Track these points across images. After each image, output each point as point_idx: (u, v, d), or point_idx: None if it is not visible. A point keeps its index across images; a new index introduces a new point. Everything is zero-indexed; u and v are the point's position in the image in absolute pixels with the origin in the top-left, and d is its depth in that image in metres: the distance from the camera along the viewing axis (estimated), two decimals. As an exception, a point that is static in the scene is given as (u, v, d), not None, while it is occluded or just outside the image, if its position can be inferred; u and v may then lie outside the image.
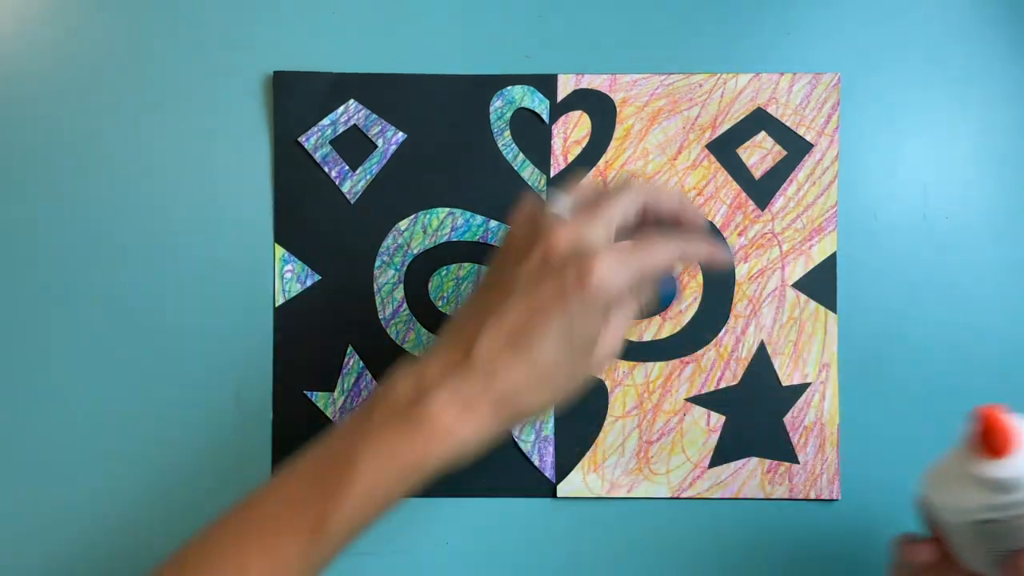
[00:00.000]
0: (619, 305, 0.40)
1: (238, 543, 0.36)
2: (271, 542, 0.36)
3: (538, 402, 0.38)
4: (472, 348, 0.37)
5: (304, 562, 0.36)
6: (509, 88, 0.50)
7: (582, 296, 0.36)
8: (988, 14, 0.51)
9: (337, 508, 0.36)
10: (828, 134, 0.50)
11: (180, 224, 0.50)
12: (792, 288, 0.50)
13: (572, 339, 0.37)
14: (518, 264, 0.38)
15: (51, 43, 0.50)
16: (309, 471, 0.37)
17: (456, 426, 0.37)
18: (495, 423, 0.37)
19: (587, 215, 0.39)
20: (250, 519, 0.37)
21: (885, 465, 0.50)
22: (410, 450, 0.36)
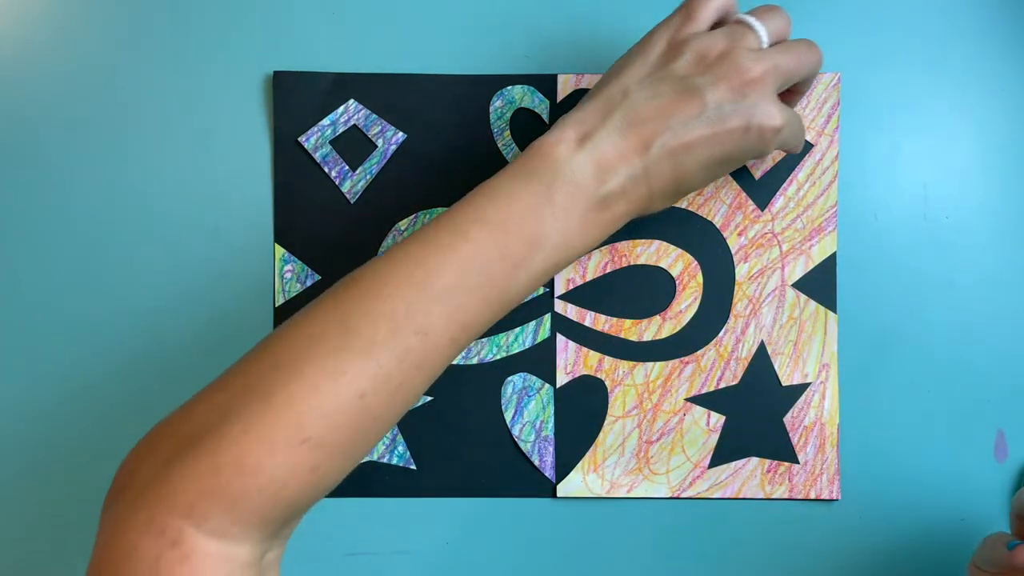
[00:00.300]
0: None
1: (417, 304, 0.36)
2: (456, 305, 0.37)
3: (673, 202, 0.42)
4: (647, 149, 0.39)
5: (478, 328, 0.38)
6: (509, 88, 0.50)
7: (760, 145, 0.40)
8: (988, 14, 0.51)
9: (519, 282, 0.38)
10: (828, 134, 0.50)
11: (180, 224, 0.50)
12: (792, 288, 0.50)
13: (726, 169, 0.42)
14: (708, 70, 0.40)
15: (51, 43, 0.50)
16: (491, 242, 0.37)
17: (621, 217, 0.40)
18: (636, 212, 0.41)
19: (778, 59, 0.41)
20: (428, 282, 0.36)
21: (885, 465, 0.50)
22: (594, 234, 0.39)
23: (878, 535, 0.50)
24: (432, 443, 0.50)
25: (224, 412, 0.34)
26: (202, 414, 0.35)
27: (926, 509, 0.50)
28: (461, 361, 0.50)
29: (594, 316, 0.50)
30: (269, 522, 0.34)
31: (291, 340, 0.36)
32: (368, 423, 0.35)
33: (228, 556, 0.33)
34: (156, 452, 0.34)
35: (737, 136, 0.40)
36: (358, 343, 0.35)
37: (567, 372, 0.50)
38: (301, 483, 0.34)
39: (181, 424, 0.35)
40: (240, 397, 0.34)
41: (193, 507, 0.33)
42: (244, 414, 0.34)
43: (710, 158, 0.40)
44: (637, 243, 0.50)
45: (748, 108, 0.40)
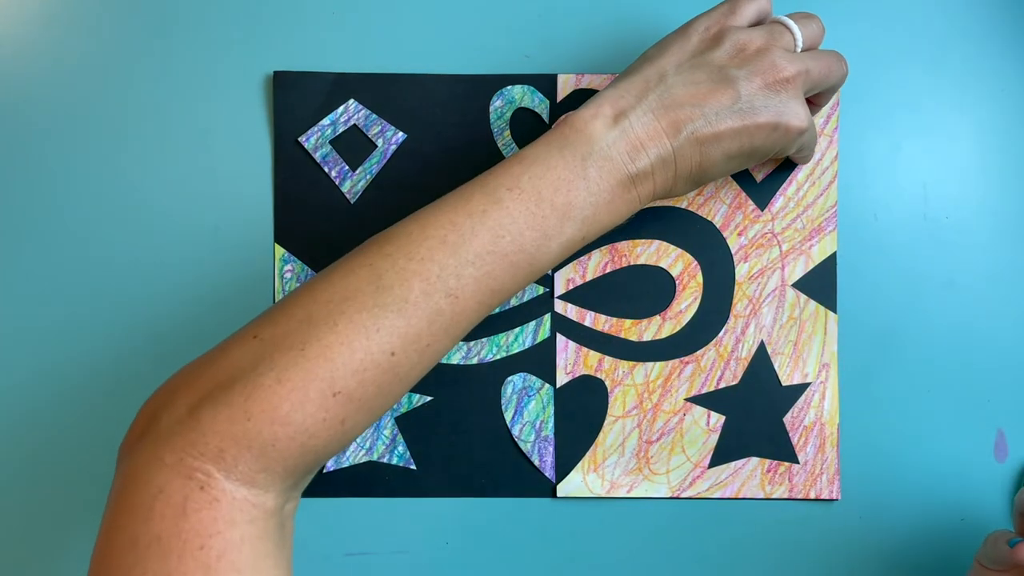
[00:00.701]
0: None
1: (450, 267, 0.37)
2: (487, 270, 0.37)
3: (693, 188, 0.43)
4: (678, 133, 0.40)
5: (505, 294, 0.38)
6: (509, 88, 0.50)
7: (784, 143, 0.42)
8: (988, 14, 0.51)
9: (548, 251, 0.39)
10: (827, 134, 0.50)
11: (181, 225, 0.50)
12: (792, 288, 0.50)
13: (748, 162, 0.43)
14: (745, 63, 0.41)
15: (52, 43, 0.50)
16: (523, 210, 0.38)
17: (646, 197, 0.41)
18: (662, 194, 0.42)
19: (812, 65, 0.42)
20: (461, 246, 0.37)
21: (885, 465, 0.50)
22: (621, 210, 0.40)
23: (878, 535, 0.50)
24: (432, 443, 0.50)
25: (257, 360, 0.34)
26: (232, 360, 0.35)
27: (926, 509, 0.50)
28: (461, 361, 0.50)
29: (594, 316, 0.50)
30: (294, 471, 0.35)
31: (324, 295, 0.36)
32: (395, 381, 0.36)
33: (254, 503, 0.34)
34: (183, 396, 0.34)
35: (765, 131, 0.41)
36: (391, 301, 0.35)
37: (567, 372, 0.50)
38: (330, 434, 0.35)
39: (210, 369, 0.35)
40: (273, 346, 0.35)
41: (223, 452, 0.33)
42: (278, 363, 0.34)
43: (737, 150, 0.41)
44: (637, 243, 0.50)
45: (779, 105, 0.41)
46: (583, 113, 0.40)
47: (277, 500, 0.35)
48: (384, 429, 0.50)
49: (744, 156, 0.41)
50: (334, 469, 0.50)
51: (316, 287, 0.37)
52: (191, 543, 0.32)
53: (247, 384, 0.34)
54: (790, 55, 0.41)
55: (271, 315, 0.36)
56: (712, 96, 0.40)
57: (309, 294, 0.36)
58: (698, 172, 0.41)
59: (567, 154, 0.39)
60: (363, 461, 0.50)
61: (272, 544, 0.34)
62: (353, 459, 0.50)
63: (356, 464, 0.50)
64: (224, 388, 0.34)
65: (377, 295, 0.36)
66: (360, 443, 0.50)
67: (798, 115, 0.41)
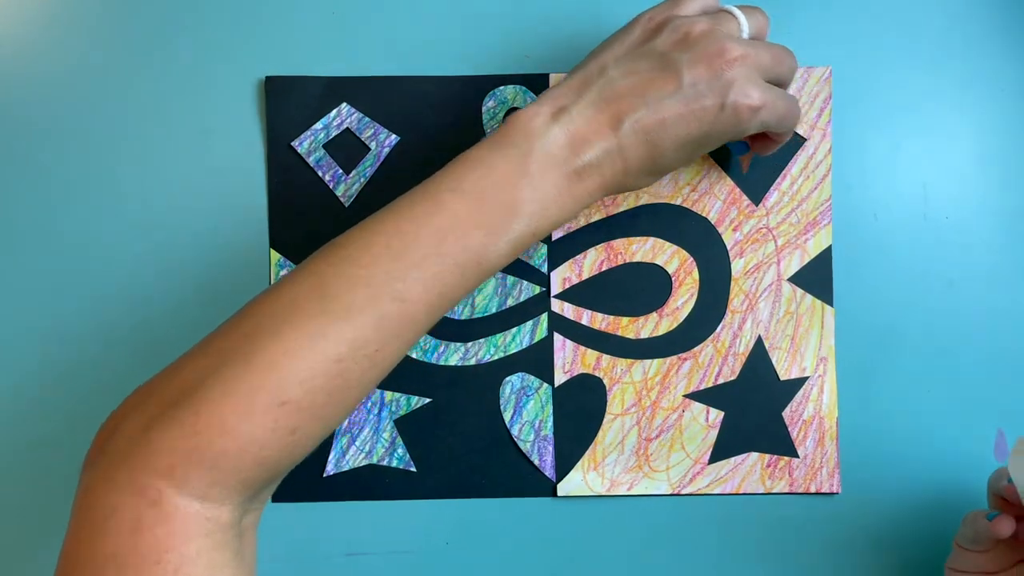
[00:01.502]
0: None
1: (395, 271, 0.37)
2: (432, 273, 0.37)
3: (651, 180, 0.43)
4: (620, 124, 0.39)
5: (455, 296, 0.38)
6: (501, 88, 0.50)
7: (737, 124, 0.40)
8: (988, 14, 0.50)
9: (497, 249, 0.38)
10: (820, 128, 0.50)
11: (175, 230, 0.50)
12: (788, 282, 0.50)
13: (703, 148, 0.42)
14: (688, 47, 0.40)
15: (46, 48, 0.50)
16: (467, 210, 0.38)
17: (596, 190, 0.40)
18: (613, 188, 0.41)
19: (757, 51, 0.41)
20: (405, 251, 0.37)
21: (885, 458, 0.50)
22: (570, 205, 0.40)
23: (878, 528, 0.50)
24: (431, 445, 0.50)
25: (204, 375, 0.34)
26: (183, 377, 0.35)
27: (926, 503, 0.50)
28: (459, 362, 0.50)
29: (591, 314, 0.50)
30: (249, 484, 0.35)
31: (271, 305, 0.36)
32: (345, 388, 0.36)
33: (209, 516, 0.34)
34: (136, 415, 0.35)
35: (712, 114, 0.40)
36: (337, 308, 0.36)
37: (565, 371, 0.50)
38: (281, 445, 0.35)
39: (162, 387, 0.35)
40: (220, 360, 0.35)
41: (173, 468, 0.33)
42: (224, 377, 0.34)
43: (686, 136, 0.40)
44: (632, 240, 0.50)
45: (724, 86, 0.39)
46: (524, 111, 0.40)
47: (233, 513, 0.35)
48: (383, 432, 0.50)
49: (697, 142, 0.40)
50: (334, 473, 0.50)
51: (264, 299, 0.37)
52: (147, 559, 0.32)
53: (195, 399, 0.34)
54: (735, 38, 0.40)
55: (222, 329, 0.37)
56: (654, 84, 0.39)
57: (258, 306, 0.37)
58: (650, 163, 0.40)
59: (509, 152, 0.39)
60: (363, 464, 0.50)
61: (230, 554, 0.34)
62: (353, 463, 0.50)
63: (356, 468, 0.50)
64: (174, 405, 0.34)
65: (322, 303, 0.36)
66: (360, 446, 0.50)
67: (747, 93, 0.40)
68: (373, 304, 0.36)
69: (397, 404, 0.50)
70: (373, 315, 0.36)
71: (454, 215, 0.38)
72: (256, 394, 0.34)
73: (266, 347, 0.35)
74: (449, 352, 0.50)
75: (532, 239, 0.39)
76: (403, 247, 0.37)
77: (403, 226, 0.38)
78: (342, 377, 0.36)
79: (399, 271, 0.37)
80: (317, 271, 0.37)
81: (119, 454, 0.34)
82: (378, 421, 0.50)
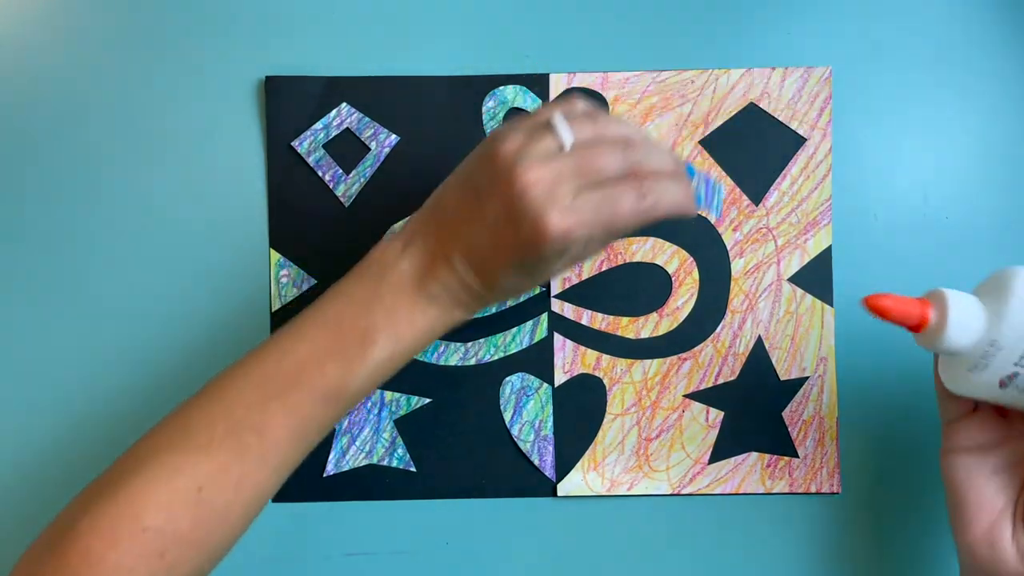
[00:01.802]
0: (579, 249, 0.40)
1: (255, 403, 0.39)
2: (292, 402, 0.39)
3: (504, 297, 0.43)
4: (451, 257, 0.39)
5: (321, 422, 0.40)
6: (501, 88, 0.50)
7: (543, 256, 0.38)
8: (988, 14, 0.50)
9: (356, 375, 0.40)
10: (821, 128, 0.50)
11: (175, 231, 0.50)
12: (788, 282, 0.50)
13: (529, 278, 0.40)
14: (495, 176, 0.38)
15: (46, 49, 0.50)
16: (326, 339, 0.40)
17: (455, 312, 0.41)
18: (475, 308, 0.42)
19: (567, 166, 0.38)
20: (266, 383, 0.39)
21: (885, 458, 0.50)
22: (425, 330, 0.41)
23: (879, 528, 0.50)
24: (431, 445, 0.50)
25: (80, 510, 0.37)
26: (64, 516, 0.38)
27: (926, 503, 0.50)
28: (459, 362, 0.50)
29: (591, 314, 0.50)
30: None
31: (148, 439, 0.39)
32: (211, 514, 0.38)
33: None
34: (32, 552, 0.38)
35: (517, 244, 0.38)
36: (197, 441, 0.38)
37: (565, 371, 0.50)
38: (151, 568, 0.37)
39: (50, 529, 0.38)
40: (90, 497, 0.38)
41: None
42: (92, 510, 0.37)
43: (508, 265, 0.39)
44: (632, 241, 0.50)
45: (519, 216, 0.37)
46: (380, 244, 0.41)
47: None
48: (383, 432, 0.50)
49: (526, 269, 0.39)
50: (334, 473, 0.50)
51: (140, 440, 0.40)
52: None
53: (68, 535, 0.37)
54: (539, 160, 0.37)
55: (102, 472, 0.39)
56: (467, 216, 0.39)
57: (132, 447, 0.39)
58: (494, 290, 0.40)
59: (365, 281, 0.40)
60: (363, 464, 0.50)
61: None
62: (353, 463, 0.50)
63: (356, 468, 0.50)
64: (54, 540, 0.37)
65: (184, 438, 0.38)
66: (360, 446, 0.50)
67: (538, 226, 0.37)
68: (231, 436, 0.38)
69: (397, 404, 0.50)
70: (232, 447, 0.38)
71: (313, 345, 0.40)
72: (118, 523, 0.36)
73: (129, 481, 0.37)
74: (449, 352, 0.50)
75: (391, 364, 0.40)
76: (264, 379, 0.39)
77: (265, 360, 0.40)
78: (205, 505, 0.38)
79: (258, 403, 0.39)
80: (187, 408, 0.40)
81: None
82: (378, 421, 0.50)
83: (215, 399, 0.39)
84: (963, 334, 0.38)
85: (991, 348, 0.38)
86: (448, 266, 0.39)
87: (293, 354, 0.39)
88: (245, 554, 0.49)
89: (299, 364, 0.39)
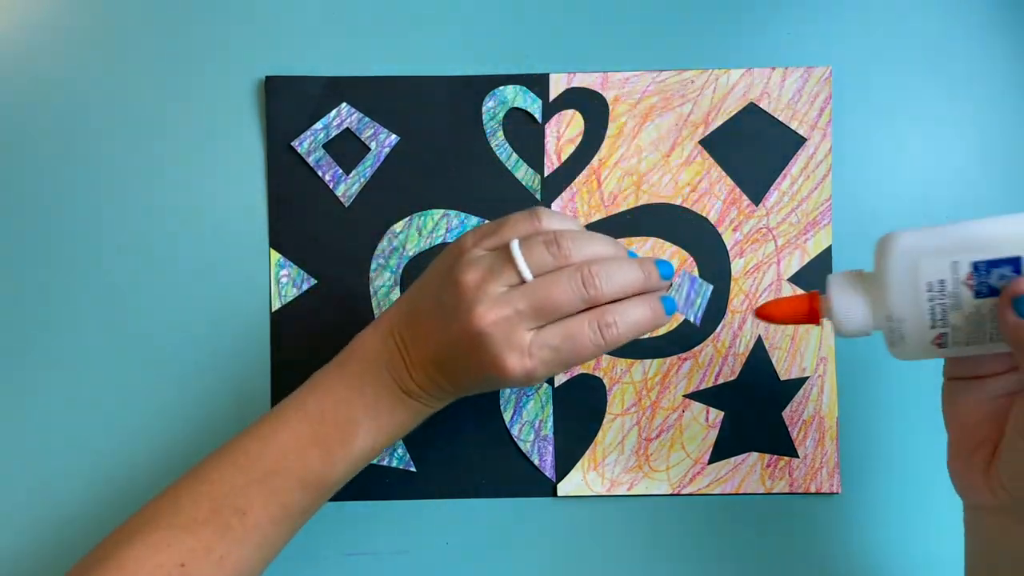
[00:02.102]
0: None
1: (237, 486, 0.40)
2: (273, 487, 0.40)
3: (479, 390, 0.43)
4: (425, 362, 0.40)
5: (302, 507, 0.41)
6: (501, 88, 0.50)
7: (508, 384, 0.40)
8: (988, 14, 0.50)
9: (336, 465, 0.41)
10: (821, 128, 0.50)
11: (175, 231, 0.50)
12: (788, 282, 0.50)
13: (506, 386, 0.43)
14: (459, 301, 0.39)
15: (46, 49, 0.50)
16: (308, 429, 0.41)
17: (434, 404, 0.42)
18: (453, 399, 0.43)
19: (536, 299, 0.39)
20: (250, 467, 0.41)
21: (885, 458, 0.50)
22: (405, 419, 0.42)
23: (879, 528, 0.50)
24: (431, 445, 0.50)
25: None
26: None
27: (926, 503, 0.50)
28: (459, 362, 0.50)
29: (591, 314, 0.50)
30: None
31: (140, 515, 0.41)
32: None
33: None
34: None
35: (477, 371, 0.39)
36: (181, 521, 0.40)
37: (565, 371, 0.50)
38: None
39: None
40: (87, 567, 0.40)
41: None
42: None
43: (475, 382, 0.41)
44: (632, 240, 0.50)
45: (481, 354, 0.39)
46: (364, 333, 0.42)
47: None
48: (383, 432, 0.50)
49: (489, 386, 0.42)
50: (334, 473, 0.50)
51: (130, 518, 0.41)
52: None
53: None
54: (498, 297, 0.38)
55: (99, 544, 0.41)
56: (438, 331, 0.40)
57: (129, 518, 0.41)
58: (461, 389, 0.41)
59: (346, 373, 0.41)
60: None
61: None
62: (353, 462, 0.50)
63: (356, 467, 0.50)
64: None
65: (171, 516, 0.40)
66: (359, 446, 0.50)
67: (498, 363, 0.38)
68: (215, 517, 0.40)
69: None
70: (215, 527, 0.40)
71: (296, 433, 0.41)
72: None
73: (117, 555, 0.39)
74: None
75: (372, 454, 0.42)
76: (248, 463, 0.41)
77: (250, 445, 0.41)
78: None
79: (241, 486, 0.40)
80: (176, 489, 0.41)
81: None
82: (378, 421, 0.50)
83: (202, 479, 0.41)
84: (853, 316, 0.37)
85: (893, 322, 0.37)
86: (423, 371, 0.41)
87: (275, 441, 0.41)
88: (245, 554, 0.49)
89: (281, 451, 0.41)
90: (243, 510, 0.40)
